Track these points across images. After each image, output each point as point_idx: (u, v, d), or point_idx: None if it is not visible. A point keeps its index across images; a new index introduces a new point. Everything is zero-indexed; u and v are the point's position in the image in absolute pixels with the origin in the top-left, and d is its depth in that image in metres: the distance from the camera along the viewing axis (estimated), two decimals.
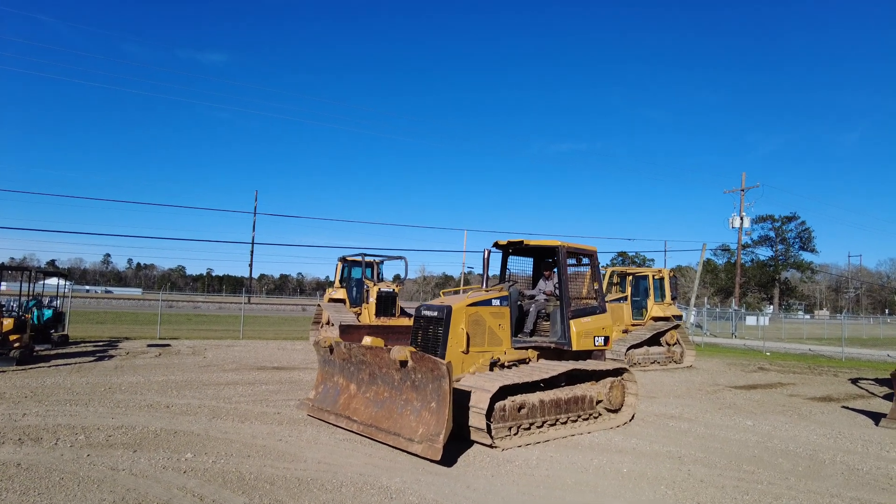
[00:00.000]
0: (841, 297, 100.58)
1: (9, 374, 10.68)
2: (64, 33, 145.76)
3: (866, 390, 13.31)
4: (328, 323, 18.23)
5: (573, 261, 8.82)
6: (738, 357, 21.31)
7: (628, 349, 15.82)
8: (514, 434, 6.91)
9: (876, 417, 9.58)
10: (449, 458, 6.06)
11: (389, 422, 6.58)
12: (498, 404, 6.70)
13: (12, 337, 11.94)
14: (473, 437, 6.71)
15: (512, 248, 8.95)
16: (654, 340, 16.81)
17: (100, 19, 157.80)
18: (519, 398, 6.95)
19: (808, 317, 69.59)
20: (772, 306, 75.24)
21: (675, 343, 17.22)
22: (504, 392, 6.80)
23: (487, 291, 8.04)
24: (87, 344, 16.43)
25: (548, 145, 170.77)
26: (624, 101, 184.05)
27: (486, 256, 8.52)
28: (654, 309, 17.42)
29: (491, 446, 6.57)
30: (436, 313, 7.52)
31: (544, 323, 8.55)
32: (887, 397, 12.05)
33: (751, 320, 51.72)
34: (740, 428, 8.57)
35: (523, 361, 7.98)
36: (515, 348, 7.95)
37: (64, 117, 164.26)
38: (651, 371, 15.83)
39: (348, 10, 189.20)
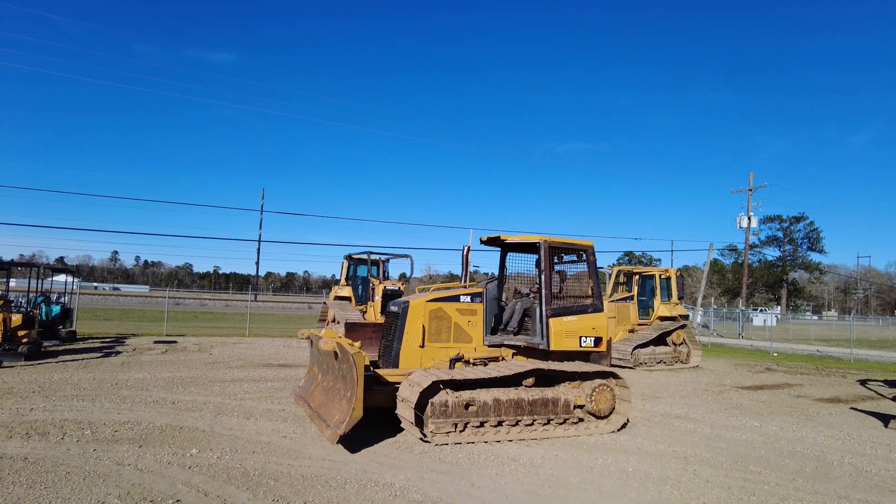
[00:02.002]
0: (849, 298, 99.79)
1: (17, 370, 10.76)
2: (74, 32, 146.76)
3: (875, 392, 13.19)
4: (334, 321, 18.26)
5: (573, 257, 8.69)
6: (744, 357, 21.18)
7: (634, 349, 15.77)
8: (461, 431, 6.77)
9: (885, 419, 9.48)
10: (354, 445, 6.31)
11: (325, 408, 6.90)
12: (437, 399, 6.62)
13: (20, 332, 12.04)
14: (406, 427, 6.78)
15: (494, 244, 8.82)
16: (660, 340, 16.73)
17: (109, 19, 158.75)
18: (466, 395, 6.80)
19: (815, 317, 69.03)
20: (779, 307, 74.74)
21: (682, 343, 17.12)
22: (444, 387, 6.72)
23: (465, 288, 8.02)
24: (95, 340, 16.54)
25: (555, 145, 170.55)
26: (632, 102, 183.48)
27: (464, 254, 8.50)
28: (660, 308, 17.34)
29: (423, 440, 6.59)
30: (396, 308, 7.72)
31: (530, 321, 8.45)
32: None
33: (758, 321, 51.41)
34: (747, 428, 8.51)
35: (494, 359, 7.82)
36: (489, 346, 7.84)
37: (72, 116, 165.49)
38: (657, 371, 15.76)
39: (356, 10, 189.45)
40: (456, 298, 7.76)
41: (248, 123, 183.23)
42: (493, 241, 8.60)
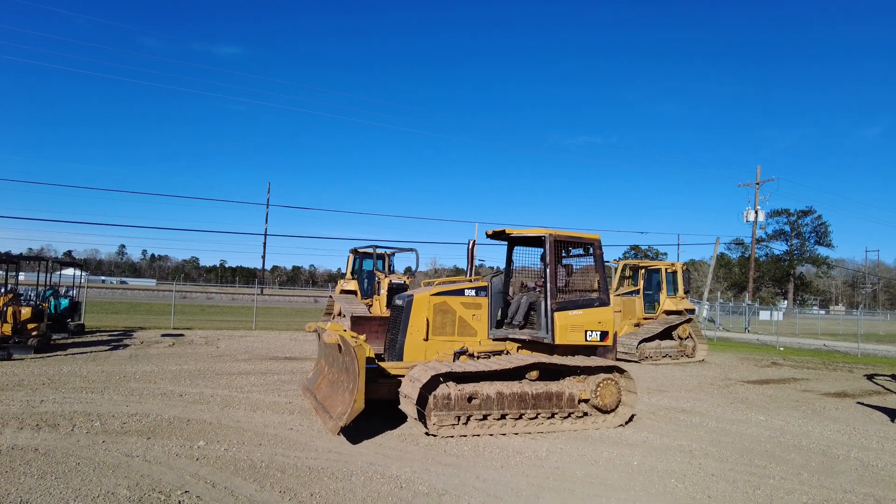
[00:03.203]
0: (857, 292, 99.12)
1: (27, 362, 10.87)
2: (81, 26, 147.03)
3: (882, 386, 13.14)
4: (340, 314, 18.32)
5: (580, 251, 8.66)
6: (750, 352, 21.12)
7: (640, 343, 15.76)
8: (464, 423, 6.80)
9: (892, 414, 9.46)
10: (360, 438, 6.41)
11: (330, 400, 6.99)
12: (440, 392, 6.67)
13: (30, 326, 12.15)
14: (410, 420, 6.83)
15: (500, 238, 8.79)
16: (666, 334, 16.71)
17: (116, 13, 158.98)
18: (469, 388, 6.82)
19: (823, 312, 68.67)
20: (786, 301, 74.35)
21: (688, 337, 17.09)
22: (445, 381, 6.76)
23: (471, 282, 8.02)
24: (103, 333, 16.67)
25: (563, 138, 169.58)
26: (640, 95, 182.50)
27: (470, 247, 8.47)
28: (666, 303, 17.29)
29: (427, 433, 6.66)
30: (401, 302, 7.78)
31: (536, 315, 8.42)
32: None
33: (764, 315, 51.19)
34: (752, 423, 8.50)
35: (499, 353, 7.81)
36: (493, 340, 7.83)
37: (78, 110, 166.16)
38: (663, 365, 15.75)
39: (363, 3, 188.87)
40: (460, 292, 7.78)
41: (254, 117, 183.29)
42: (498, 235, 8.59)
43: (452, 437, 6.64)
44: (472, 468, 5.62)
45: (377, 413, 7.35)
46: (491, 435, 6.82)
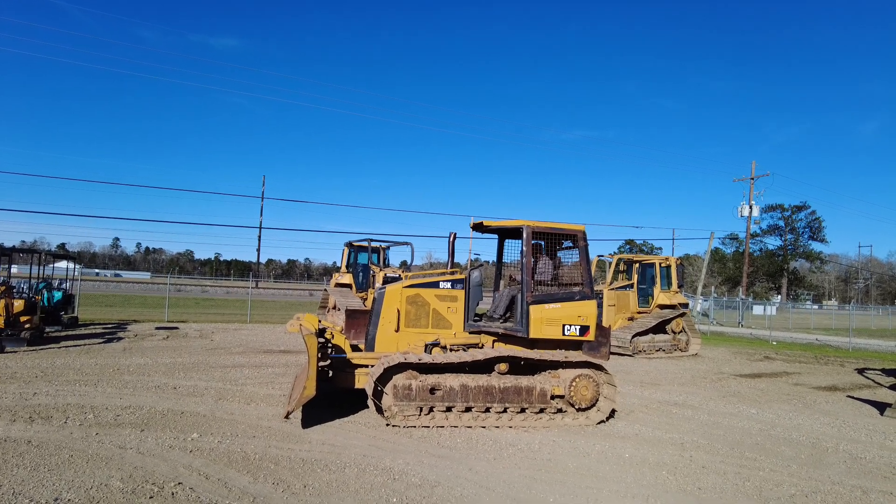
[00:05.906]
0: (850, 287, 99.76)
1: (20, 355, 10.84)
2: (76, 17, 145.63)
3: (872, 380, 13.26)
4: (335, 307, 18.31)
5: (569, 243, 8.58)
6: (744, 346, 21.26)
7: (633, 336, 15.83)
8: (426, 414, 6.86)
9: (881, 407, 9.55)
10: (353, 430, 6.57)
11: (294, 388, 7.22)
12: (401, 383, 6.76)
13: (23, 318, 12.10)
14: (373, 410, 6.89)
15: (479, 230, 8.72)
16: (659, 328, 16.79)
17: (112, 4, 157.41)
18: (431, 379, 6.86)
19: (816, 307, 69.07)
20: (779, 296, 74.78)
21: (681, 331, 17.18)
22: (399, 372, 6.82)
23: (452, 275, 8.01)
24: (97, 326, 16.62)
25: (560, 133, 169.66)
26: (638, 90, 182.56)
27: (451, 241, 8.43)
28: (660, 297, 17.36)
29: (387, 424, 6.76)
30: (377, 294, 7.89)
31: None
32: (894, 387, 12.02)
33: (758, 310, 51.44)
34: (744, 416, 8.58)
35: (474, 346, 7.76)
36: (469, 332, 7.78)
37: (73, 102, 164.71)
38: (656, 359, 15.84)
39: None
40: (435, 284, 7.76)
41: (249, 110, 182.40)
42: (478, 227, 8.54)
43: (415, 426, 6.74)
44: (465, 460, 5.65)
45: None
46: (455, 427, 6.84)
